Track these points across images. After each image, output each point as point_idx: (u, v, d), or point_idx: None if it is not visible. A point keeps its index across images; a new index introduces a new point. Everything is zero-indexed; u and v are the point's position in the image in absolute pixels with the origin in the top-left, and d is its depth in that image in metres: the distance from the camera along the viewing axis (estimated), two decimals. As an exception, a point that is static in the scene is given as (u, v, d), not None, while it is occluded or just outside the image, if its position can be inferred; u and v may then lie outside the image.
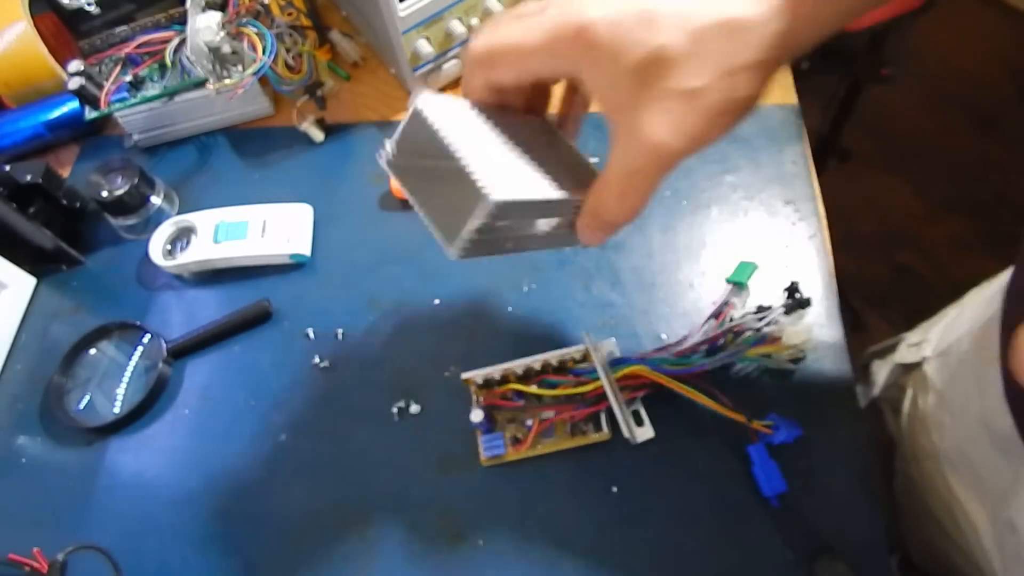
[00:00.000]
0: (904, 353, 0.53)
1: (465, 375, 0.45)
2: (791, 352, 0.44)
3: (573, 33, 0.28)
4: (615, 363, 0.43)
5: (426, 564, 0.43)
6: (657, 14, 0.27)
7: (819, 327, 0.46)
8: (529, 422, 0.45)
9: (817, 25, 0.29)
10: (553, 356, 0.44)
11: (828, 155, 1.10)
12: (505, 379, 0.45)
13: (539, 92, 0.36)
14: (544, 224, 0.36)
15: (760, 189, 0.53)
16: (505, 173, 0.30)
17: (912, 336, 0.53)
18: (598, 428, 0.44)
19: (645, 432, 0.42)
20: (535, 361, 0.44)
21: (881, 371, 0.56)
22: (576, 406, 0.44)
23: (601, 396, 0.43)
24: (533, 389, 0.44)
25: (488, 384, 0.46)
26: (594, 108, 0.34)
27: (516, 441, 0.45)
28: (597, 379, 0.43)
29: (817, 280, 0.48)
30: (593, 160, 0.55)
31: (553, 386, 0.44)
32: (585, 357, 0.45)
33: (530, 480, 0.44)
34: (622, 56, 0.28)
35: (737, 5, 0.28)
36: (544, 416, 0.44)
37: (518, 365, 0.44)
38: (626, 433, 0.41)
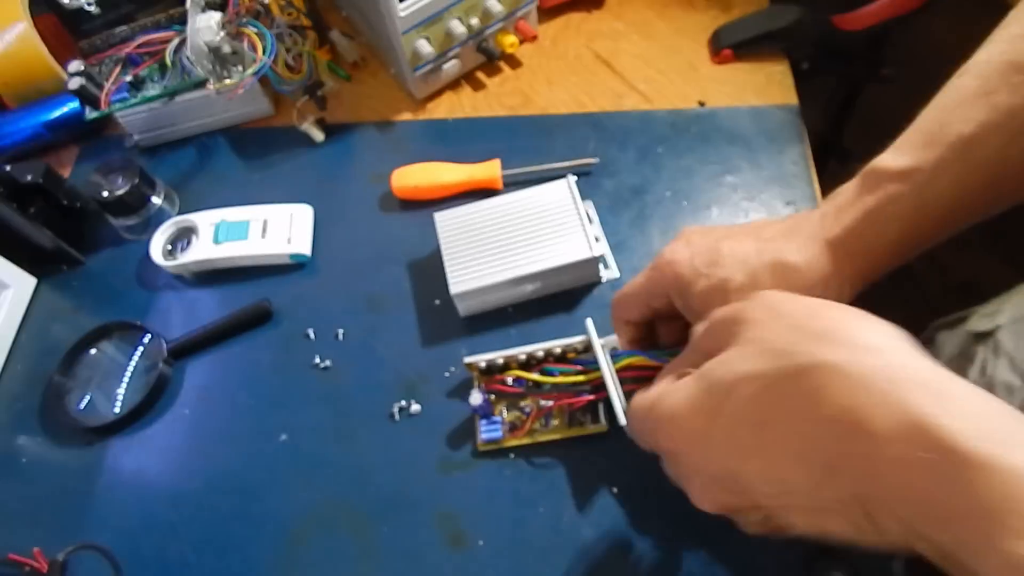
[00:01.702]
0: (976, 322, 0.52)
1: (468, 359, 0.45)
2: None
3: (665, 265, 0.38)
4: (616, 355, 0.43)
5: (426, 564, 0.43)
6: (722, 254, 0.36)
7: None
8: (528, 409, 0.45)
9: (854, 270, 0.34)
10: (556, 345, 0.45)
11: (828, 155, 1.10)
12: (507, 365, 0.45)
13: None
14: (530, 286, 0.49)
15: (761, 190, 0.53)
16: (471, 269, 0.47)
17: (986, 308, 0.53)
18: (596, 420, 0.45)
19: None
20: (537, 349, 0.45)
21: (949, 342, 0.56)
22: (575, 395, 0.44)
23: (600, 386, 0.43)
24: (534, 376, 0.45)
25: (490, 370, 0.46)
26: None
27: (514, 428, 0.45)
28: (598, 369, 0.43)
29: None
30: (593, 161, 0.55)
31: (554, 374, 0.45)
32: (587, 348, 0.45)
33: (530, 480, 0.44)
34: (695, 284, 0.37)
35: (788, 253, 0.35)
36: (543, 404, 0.45)
37: (520, 352, 0.45)
38: (622, 419, 0.41)
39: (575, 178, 0.50)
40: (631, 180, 0.55)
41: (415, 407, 0.48)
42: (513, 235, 0.48)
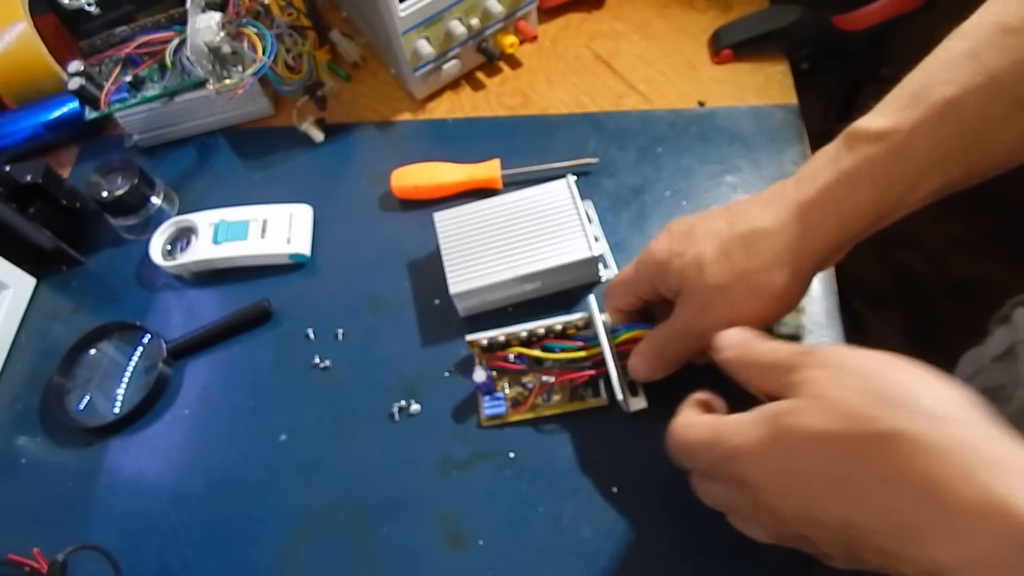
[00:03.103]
0: None
1: (469, 337, 0.46)
2: (790, 328, 0.45)
3: (647, 255, 0.40)
4: (616, 331, 0.44)
5: (426, 564, 0.43)
6: (696, 231, 0.38)
7: (818, 327, 0.46)
8: (530, 385, 0.46)
9: (826, 233, 0.34)
10: (556, 322, 0.45)
11: (828, 155, 1.10)
12: (508, 343, 0.46)
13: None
14: (529, 286, 0.49)
15: (760, 189, 0.53)
16: (470, 269, 0.47)
17: None
18: (597, 394, 0.45)
19: (638, 402, 0.43)
20: (539, 326, 0.45)
21: None
22: (576, 370, 0.45)
23: (601, 362, 0.44)
24: (535, 352, 0.45)
25: (492, 348, 0.46)
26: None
27: (516, 403, 0.46)
28: (598, 345, 0.43)
29: (816, 280, 0.48)
30: (593, 160, 0.55)
31: (555, 351, 0.45)
32: (587, 324, 0.45)
33: (530, 480, 0.44)
34: (671, 264, 0.38)
35: (758, 220, 0.36)
36: (545, 379, 0.45)
37: (522, 329, 0.45)
38: (619, 395, 0.42)
39: (575, 178, 0.50)
40: (631, 180, 0.55)
41: (415, 407, 0.48)
42: (513, 235, 0.48)
